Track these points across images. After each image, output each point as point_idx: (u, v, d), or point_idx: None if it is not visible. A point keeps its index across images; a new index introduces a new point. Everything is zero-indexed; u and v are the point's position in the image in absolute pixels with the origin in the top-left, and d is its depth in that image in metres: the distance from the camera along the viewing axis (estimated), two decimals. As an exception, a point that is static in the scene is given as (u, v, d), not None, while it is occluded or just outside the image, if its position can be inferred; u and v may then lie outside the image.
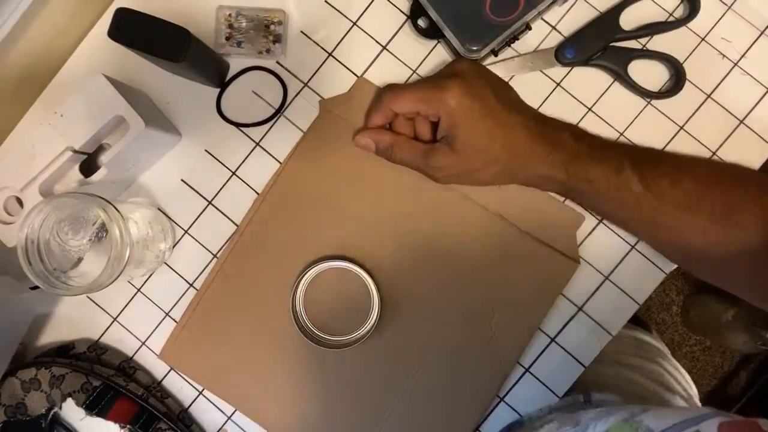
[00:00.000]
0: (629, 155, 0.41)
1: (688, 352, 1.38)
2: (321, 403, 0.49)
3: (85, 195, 0.39)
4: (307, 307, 0.48)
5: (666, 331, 1.38)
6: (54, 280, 0.39)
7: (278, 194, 0.49)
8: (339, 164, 0.49)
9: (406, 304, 0.49)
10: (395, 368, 0.49)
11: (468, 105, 0.41)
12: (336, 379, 0.49)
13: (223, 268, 0.49)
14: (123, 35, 0.40)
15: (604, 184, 0.41)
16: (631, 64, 0.49)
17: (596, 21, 0.49)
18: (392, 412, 0.48)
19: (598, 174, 0.41)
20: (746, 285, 0.42)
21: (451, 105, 0.41)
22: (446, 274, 0.49)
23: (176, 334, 0.49)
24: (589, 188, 0.41)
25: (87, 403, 0.46)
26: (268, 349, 0.49)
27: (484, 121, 0.41)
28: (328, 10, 0.51)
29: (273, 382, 0.49)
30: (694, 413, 0.31)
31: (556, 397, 0.49)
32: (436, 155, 0.43)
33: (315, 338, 0.48)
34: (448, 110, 0.41)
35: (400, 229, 0.49)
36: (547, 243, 0.48)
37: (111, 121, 0.44)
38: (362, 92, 0.50)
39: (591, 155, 0.41)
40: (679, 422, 0.31)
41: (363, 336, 0.47)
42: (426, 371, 0.49)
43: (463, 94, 0.41)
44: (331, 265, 0.48)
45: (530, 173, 0.43)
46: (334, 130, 0.49)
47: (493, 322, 0.48)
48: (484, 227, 0.49)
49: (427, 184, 0.47)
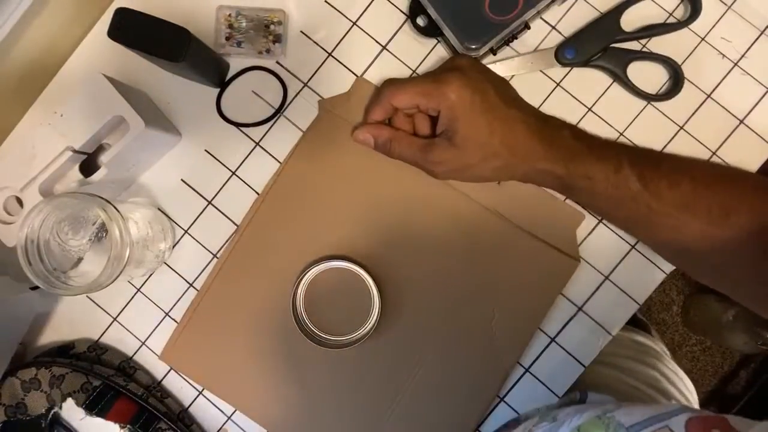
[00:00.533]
0: (628, 155, 0.41)
1: (688, 352, 1.38)
2: (321, 402, 0.49)
3: (85, 195, 0.39)
4: (308, 308, 0.48)
5: (666, 331, 1.38)
6: (54, 280, 0.39)
7: (278, 194, 0.49)
8: (339, 164, 0.49)
9: (407, 304, 0.49)
10: (396, 368, 0.49)
11: (468, 99, 0.41)
12: (337, 378, 0.49)
13: (223, 269, 0.49)
14: (123, 35, 0.40)
15: (603, 182, 0.41)
16: (630, 65, 0.49)
17: (597, 22, 0.49)
18: (393, 412, 0.48)
19: (597, 171, 0.41)
20: (741, 287, 0.42)
21: (452, 98, 0.41)
22: (447, 274, 0.49)
23: (176, 336, 0.49)
24: (588, 185, 0.41)
25: (87, 403, 0.46)
26: (269, 349, 0.49)
27: (484, 116, 0.41)
28: (328, 10, 0.51)
29: (273, 381, 0.49)
30: (664, 409, 0.32)
31: (556, 397, 0.49)
32: (435, 150, 0.43)
33: (316, 338, 0.48)
34: (449, 104, 0.41)
35: (400, 229, 0.49)
36: (547, 241, 0.48)
37: (111, 121, 0.44)
38: (361, 92, 0.50)
39: (590, 153, 0.41)
40: (649, 418, 0.31)
41: (363, 336, 0.47)
42: (426, 371, 0.48)
43: (463, 88, 0.41)
44: (331, 265, 0.48)
45: (529, 169, 0.43)
46: (333, 129, 0.49)
47: (493, 322, 0.48)
48: (484, 226, 0.49)
49: (427, 183, 0.47)
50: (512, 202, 0.49)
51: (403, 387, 0.49)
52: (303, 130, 0.50)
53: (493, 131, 0.41)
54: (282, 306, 0.48)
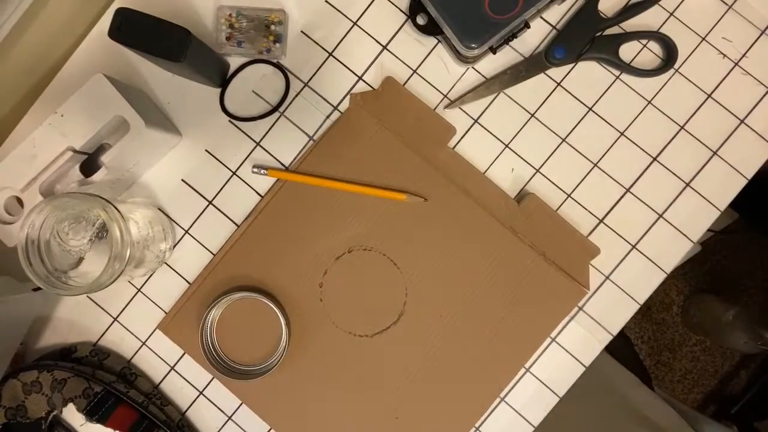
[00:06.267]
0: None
1: (688, 352, 1.38)
2: (318, 395, 0.49)
3: (85, 195, 0.39)
4: (220, 339, 0.49)
5: (666, 331, 1.38)
6: (54, 280, 0.39)
7: (291, 189, 0.49)
8: (359, 160, 0.49)
9: (409, 310, 0.49)
10: (397, 367, 0.49)
11: None
12: (331, 378, 0.49)
13: (235, 246, 0.49)
14: (123, 35, 0.40)
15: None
16: (621, 49, 0.49)
17: (576, 16, 0.49)
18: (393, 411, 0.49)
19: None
20: None
21: None
22: (454, 286, 0.49)
23: (177, 309, 0.50)
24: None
25: (88, 408, 0.46)
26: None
27: None
28: (329, 10, 0.51)
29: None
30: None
31: (556, 396, 0.49)
32: None
33: (224, 366, 0.49)
34: None
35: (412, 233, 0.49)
36: (559, 265, 0.48)
37: (111, 121, 0.44)
38: (390, 91, 0.50)
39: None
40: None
41: (272, 366, 0.48)
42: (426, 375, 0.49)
43: None
44: (243, 296, 0.49)
45: None
46: (360, 124, 0.49)
47: (493, 336, 0.48)
48: (497, 240, 0.49)
49: (447, 193, 0.48)
50: (529, 222, 0.49)
51: (403, 386, 0.49)
52: (303, 130, 0.50)
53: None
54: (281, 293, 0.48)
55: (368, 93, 0.50)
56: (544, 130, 0.50)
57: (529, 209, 0.49)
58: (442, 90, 0.51)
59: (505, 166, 0.50)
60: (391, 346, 0.49)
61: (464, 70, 0.51)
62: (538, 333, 0.49)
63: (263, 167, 0.50)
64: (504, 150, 0.50)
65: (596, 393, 0.94)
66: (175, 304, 0.50)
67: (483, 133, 0.50)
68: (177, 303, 0.50)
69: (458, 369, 0.49)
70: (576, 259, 0.48)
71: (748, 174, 0.50)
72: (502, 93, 0.50)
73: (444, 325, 0.49)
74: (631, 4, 0.49)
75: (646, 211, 0.50)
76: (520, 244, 0.48)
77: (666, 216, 0.50)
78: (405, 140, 0.49)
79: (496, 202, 0.49)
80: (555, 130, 0.50)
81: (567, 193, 0.50)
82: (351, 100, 0.50)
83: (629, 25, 0.50)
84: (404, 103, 0.49)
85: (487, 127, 0.50)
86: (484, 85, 0.50)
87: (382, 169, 0.49)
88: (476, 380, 0.49)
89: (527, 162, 0.50)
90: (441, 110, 0.50)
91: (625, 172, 0.50)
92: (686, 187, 0.50)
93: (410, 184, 0.49)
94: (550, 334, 0.49)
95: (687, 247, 0.50)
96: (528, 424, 0.49)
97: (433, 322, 0.49)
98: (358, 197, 0.49)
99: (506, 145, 0.50)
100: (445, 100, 0.50)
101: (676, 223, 0.50)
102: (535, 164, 0.50)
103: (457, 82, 0.51)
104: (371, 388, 0.49)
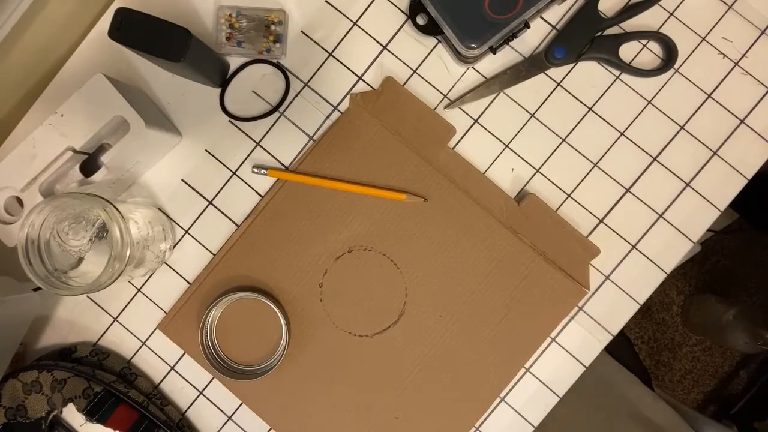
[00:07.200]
0: None
1: (688, 352, 1.38)
2: (318, 395, 0.49)
3: (85, 195, 0.39)
4: (220, 339, 0.49)
5: (666, 331, 1.38)
6: (54, 280, 0.39)
7: (293, 185, 0.49)
8: (359, 160, 0.49)
9: (409, 310, 0.49)
10: (397, 367, 0.49)
11: None
12: (331, 378, 0.49)
13: (236, 244, 0.49)
14: (123, 35, 0.40)
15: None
16: (621, 49, 0.49)
17: (576, 16, 0.49)
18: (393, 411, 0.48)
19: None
20: None
21: None
22: (454, 286, 0.49)
23: (177, 309, 0.50)
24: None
25: (88, 408, 0.46)
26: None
27: None
28: (329, 10, 0.51)
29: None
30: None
31: (556, 396, 0.49)
32: None
33: (224, 366, 0.49)
34: None
35: (413, 231, 0.49)
36: (559, 265, 0.48)
37: (111, 121, 0.44)
38: (390, 91, 0.50)
39: None
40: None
41: (273, 365, 0.48)
42: (426, 375, 0.49)
43: None
44: (243, 296, 0.48)
45: None
46: (359, 124, 0.49)
47: (492, 335, 0.48)
48: (498, 241, 0.48)
49: (448, 193, 0.48)
50: (530, 222, 0.48)
51: (403, 386, 0.49)
52: (303, 130, 0.50)
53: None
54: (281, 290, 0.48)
55: (368, 93, 0.50)
56: (544, 130, 0.50)
57: (529, 209, 0.49)
58: (442, 90, 0.51)
59: (505, 166, 0.50)
60: (391, 346, 0.49)
61: (464, 70, 0.51)
62: (538, 333, 0.49)
63: (263, 167, 0.50)
64: (504, 150, 0.50)
65: (596, 393, 0.94)
66: (175, 304, 0.50)
67: (483, 133, 0.50)
68: (177, 303, 0.50)
69: (458, 369, 0.49)
70: (576, 259, 0.49)
71: (748, 174, 0.50)
72: (502, 93, 0.50)
73: (444, 325, 0.49)
74: (631, 4, 0.49)
75: (646, 211, 0.50)
76: (520, 244, 0.48)
77: (666, 216, 0.50)
78: (405, 140, 0.49)
79: (496, 202, 0.49)
80: (555, 130, 0.50)
81: (567, 193, 0.50)
82: (351, 100, 0.50)
83: (629, 25, 0.50)
84: (404, 103, 0.49)
85: (487, 127, 0.50)
86: (484, 85, 0.50)
87: (382, 169, 0.49)
88: (476, 380, 0.49)
89: (527, 162, 0.50)
90: (441, 110, 0.50)
91: (625, 172, 0.50)
92: (686, 187, 0.50)
93: (410, 184, 0.49)
94: (550, 334, 0.49)
95: (687, 247, 0.50)
96: (528, 424, 0.49)
97: (433, 322, 0.49)
98: (358, 197, 0.49)
99: (506, 145, 0.50)
100: (445, 100, 0.51)
101: (676, 223, 0.50)
102: (535, 164, 0.50)
103: (457, 82, 0.51)
104: (371, 388, 0.49)
